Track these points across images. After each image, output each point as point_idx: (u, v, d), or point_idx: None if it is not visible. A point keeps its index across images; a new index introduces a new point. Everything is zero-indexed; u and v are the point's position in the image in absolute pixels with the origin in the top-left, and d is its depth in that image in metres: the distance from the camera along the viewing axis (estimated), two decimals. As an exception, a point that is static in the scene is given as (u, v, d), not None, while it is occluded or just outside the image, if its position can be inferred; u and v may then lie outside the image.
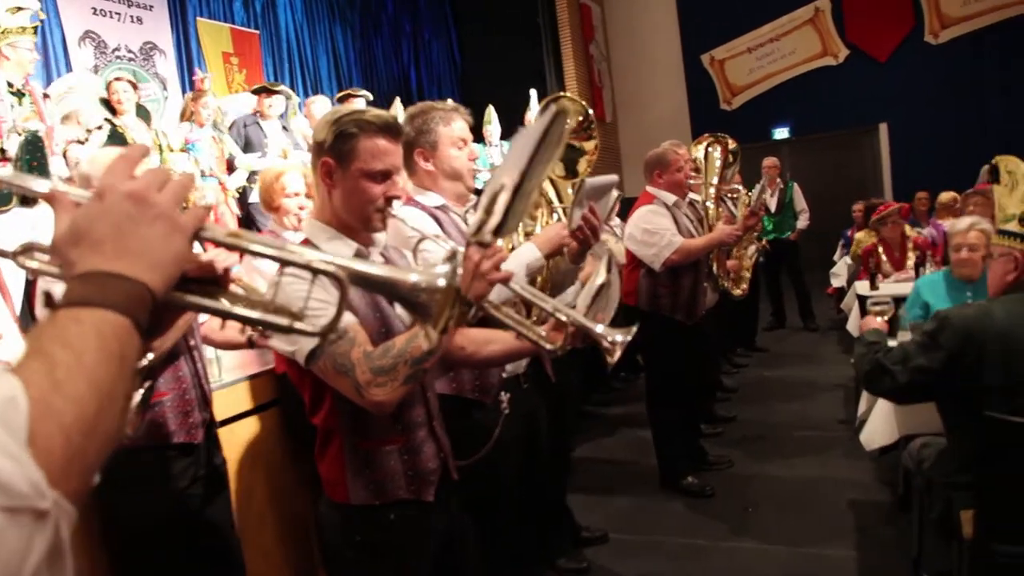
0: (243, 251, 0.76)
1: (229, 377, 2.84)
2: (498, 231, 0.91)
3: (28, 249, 0.76)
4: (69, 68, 6.32)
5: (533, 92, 7.79)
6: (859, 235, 6.85)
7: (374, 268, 0.86)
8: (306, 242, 1.71)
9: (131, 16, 7.08)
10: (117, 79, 5.33)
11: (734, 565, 3.20)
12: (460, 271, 0.87)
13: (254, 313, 0.77)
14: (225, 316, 0.77)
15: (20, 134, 3.92)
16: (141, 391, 0.88)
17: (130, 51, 7.03)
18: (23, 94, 4.07)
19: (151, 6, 7.27)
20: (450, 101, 2.35)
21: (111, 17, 6.90)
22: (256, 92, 6.29)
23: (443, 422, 1.83)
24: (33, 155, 3.94)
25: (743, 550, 3.29)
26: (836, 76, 10.98)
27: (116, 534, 2.23)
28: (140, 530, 2.18)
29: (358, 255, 1.67)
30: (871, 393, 2.72)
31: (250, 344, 2.71)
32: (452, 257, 0.90)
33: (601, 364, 5.85)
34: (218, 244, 0.77)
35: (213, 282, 0.77)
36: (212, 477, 2.37)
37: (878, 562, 3.11)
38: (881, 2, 10.57)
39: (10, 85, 4.00)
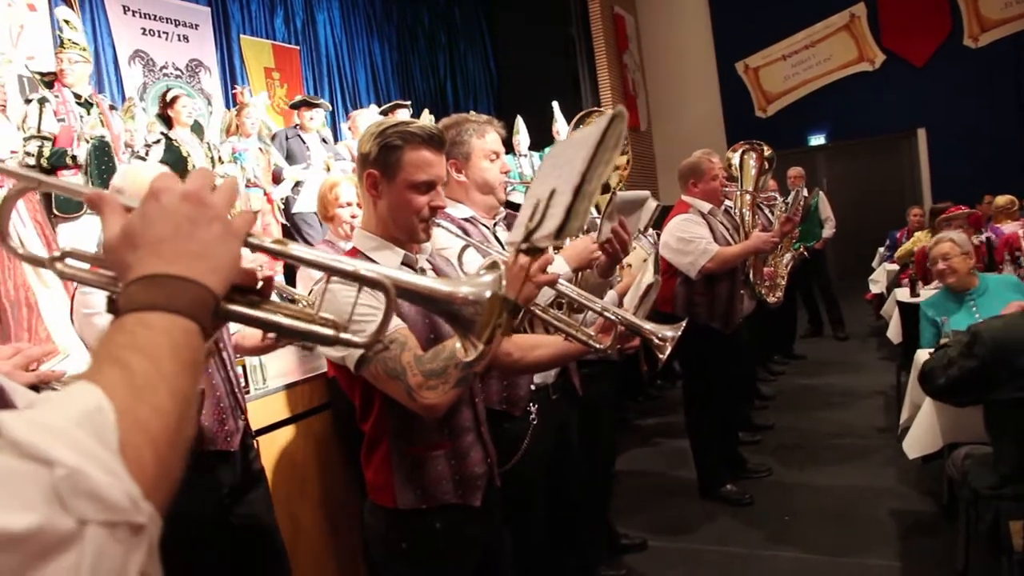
0: (288, 259, 0.75)
1: (275, 384, 2.86)
2: (559, 233, 0.90)
3: (66, 255, 0.73)
4: (121, 85, 6.56)
5: (555, 104, 7.83)
6: (918, 233, 6.73)
7: (420, 280, 0.84)
8: (354, 251, 1.71)
9: (178, 35, 7.33)
10: (185, 95, 5.48)
11: (773, 574, 3.18)
12: (504, 279, 0.86)
13: (297, 323, 0.74)
14: (267, 327, 0.74)
15: (88, 142, 4.09)
16: None
17: (177, 68, 7.28)
18: (91, 104, 4.22)
19: (196, 25, 7.52)
20: (475, 113, 2.32)
21: (159, 36, 7.17)
22: (296, 106, 6.42)
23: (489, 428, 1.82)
24: (102, 160, 4.11)
25: (782, 559, 3.27)
26: (873, 82, 10.84)
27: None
28: (178, 536, 2.18)
29: (405, 262, 1.68)
30: (925, 392, 2.80)
31: (277, 341, 2.58)
32: (494, 266, 0.89)
33: (637, 373, 5.77)
34: (264, 251, 0.75)
35: (254, 291, 0.74)
36: (250, 483, 2.33)
37: (921, 573, 3.06)
38: (918, 7, 10.44)
39: (77, 97, 4.17)
